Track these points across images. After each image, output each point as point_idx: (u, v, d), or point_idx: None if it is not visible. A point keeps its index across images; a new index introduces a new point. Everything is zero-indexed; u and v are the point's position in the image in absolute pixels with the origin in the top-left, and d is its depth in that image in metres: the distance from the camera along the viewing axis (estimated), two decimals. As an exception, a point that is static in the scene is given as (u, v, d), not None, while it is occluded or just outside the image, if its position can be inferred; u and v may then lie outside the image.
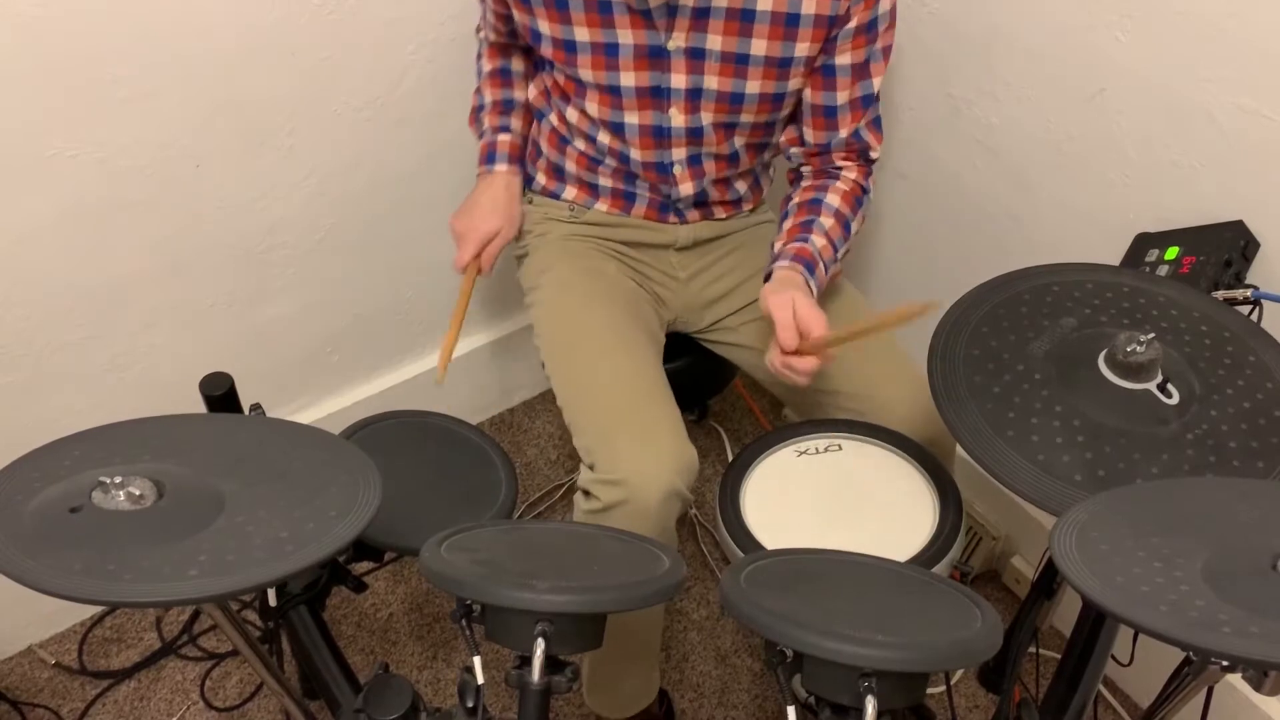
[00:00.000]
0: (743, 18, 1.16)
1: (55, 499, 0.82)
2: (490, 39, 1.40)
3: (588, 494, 1.18)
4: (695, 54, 1.19)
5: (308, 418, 1.79)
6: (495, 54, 1.42)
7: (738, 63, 1.19)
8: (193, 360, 1.59)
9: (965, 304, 1.05)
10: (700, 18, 1.16)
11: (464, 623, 0.85)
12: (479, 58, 1.44)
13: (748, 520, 1.13)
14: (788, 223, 1.29)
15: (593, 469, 1.18)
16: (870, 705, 0.75)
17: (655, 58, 1.20)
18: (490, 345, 1.95)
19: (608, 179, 1.36)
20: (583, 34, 1.18)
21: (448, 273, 1.80)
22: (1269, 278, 1.16)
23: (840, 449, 1.22)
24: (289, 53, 1.40)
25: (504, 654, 1.63)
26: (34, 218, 1.34)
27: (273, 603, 1.18)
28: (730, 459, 1.88)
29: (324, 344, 1.76)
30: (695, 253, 1.43)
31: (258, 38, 1.36)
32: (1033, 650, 1.23)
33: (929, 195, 1.60)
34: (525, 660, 0.84)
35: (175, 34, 1.30)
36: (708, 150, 1.30)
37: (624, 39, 1.18)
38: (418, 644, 1.71)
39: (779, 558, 0.99)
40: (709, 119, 1.25)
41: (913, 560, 1.06)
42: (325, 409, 1.81)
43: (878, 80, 1.24)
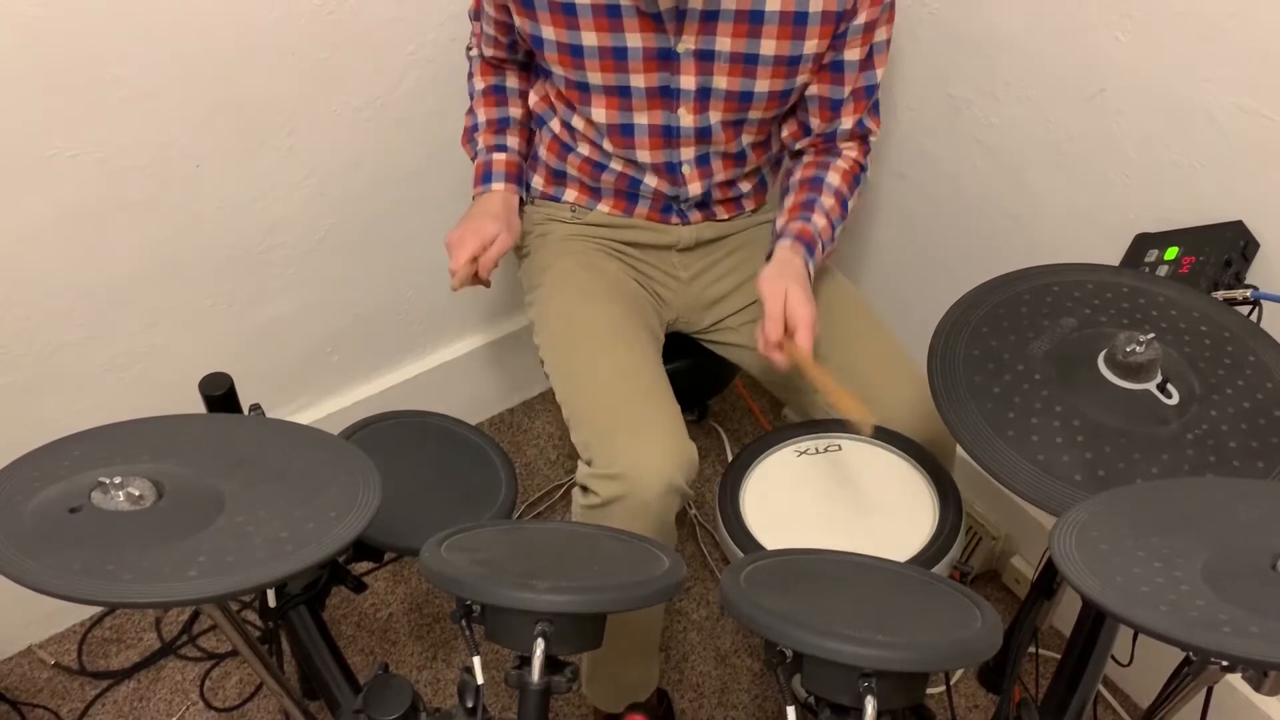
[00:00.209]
0: (751, 19, 1.16)
1: (55, 499, 0.82)
2: (485, 54, 1.38)
3: (585, 489, 1.17)
4: (705, 56, 1.19)
5: (308, 418, 1.79)
6: (488, 71, 1.39)
7: (746, 62, 1.20)
8: (193, 360, 1.59)
9: (965, 304, 1.05)
10: (709, 20, 1.16)
11: (464, 623, 0.85)
12: (470, 77, 1.41)
13: (747, 520, 1.13)
14: (789, 199, 1.31)
15: (591, 464, 1.18)
16: (870, 705, 0.75)
17: (664, 60, 1.20)
18: (490, 345, 1.95)
19: (611, 182, 1.36)
20: (590, 38, 1.18)
21: (447, 273, 1.80)
22: (1269, 278, 1.16)
23: (840, 449, 1.22)
24: (289, 53, 1.40)
25: (504, 654, 1.63)
26: (34, 218, 1.34)
27: (272, 603, 1.18)
28: (730, 459, 1.88)
29: (324, 344, 1.76)
30: (697, 253, 1.43)
31: (258, 38, 1.36)
32: (1033, 650, 1.23)
33: (929, 195, 1.60)
34: (525, 660, 0.84)
35: (175, 34, 1.30)
36: (716, 149, 1.31)
37: (633, 42, 1.18)
38: (418, 644, 1.71)
39: (779, 558, 0.99)
40: (717, 117, 1.26)
41: (913, 560, 1.06)
42: (325, 409, 1.81)
43: (880, 71, 1.26)
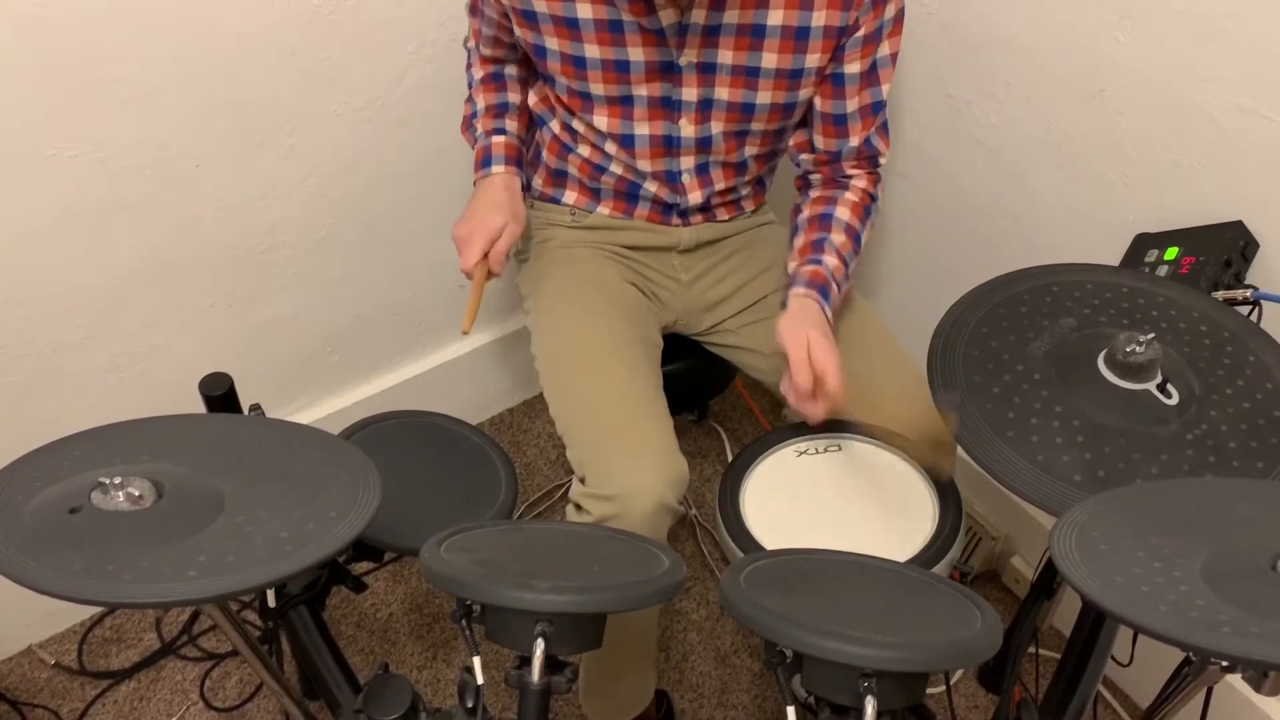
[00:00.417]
0: (753, 33, 1.16)
1: (55, 499, 0.82)
2: (483, 52, 1.37)
3: (579, 507, 1.18)
4: (706, 69, 1.19)
5: (308, 418, 1.79)
6: (487, 61, 1.38)
7: (748, 75, 1.20)
8: (192, 360, 1.59)
9: (965, 304, 1.05)
10: (711, 35, 1.17)
11: (464, 623, 0.85)
12: (469, 67, 1.40)
13: (747, 520, 1.13)
14: (799, 240, 1.28)
15: (584, 482, 1.18)
16: (870, 705, 0.75)
17: (666, 72, 1.20)
18: (490, 345, 1.95)
19: (611, 184, 1.36)
20: (593, 50, 1.18)
21: (448, 273, 1.81)
22: (1268, 278, 1.16)
23: (840, 449, 1.22)
24: (289, 53, 1.40)
25: (504, 654, 1.63)
26: (34, 218, 1.34)
27: (272, 603, 1.18)
28: (730, 459, 1.88)
29: (324, 344, 1.76)
30: (698, 255, 1.43)
31: (258, 38, 1.36)
32: (1032, 650, 1.23)
33: (929, 195, 1.60)
34: (525, 660, 0.84)
35: (175, 34, 1.30)
36: (715, 159, 1.31)
37: (635, 56, 1.18)
38: (418, 644, 1.71)
39: (779, 558, 0.99)
40: (719, 128, 1.26)
41: (913, 560, 1.06)
42: (325, 409, 1.81)
43: (886, 87, 1.24)
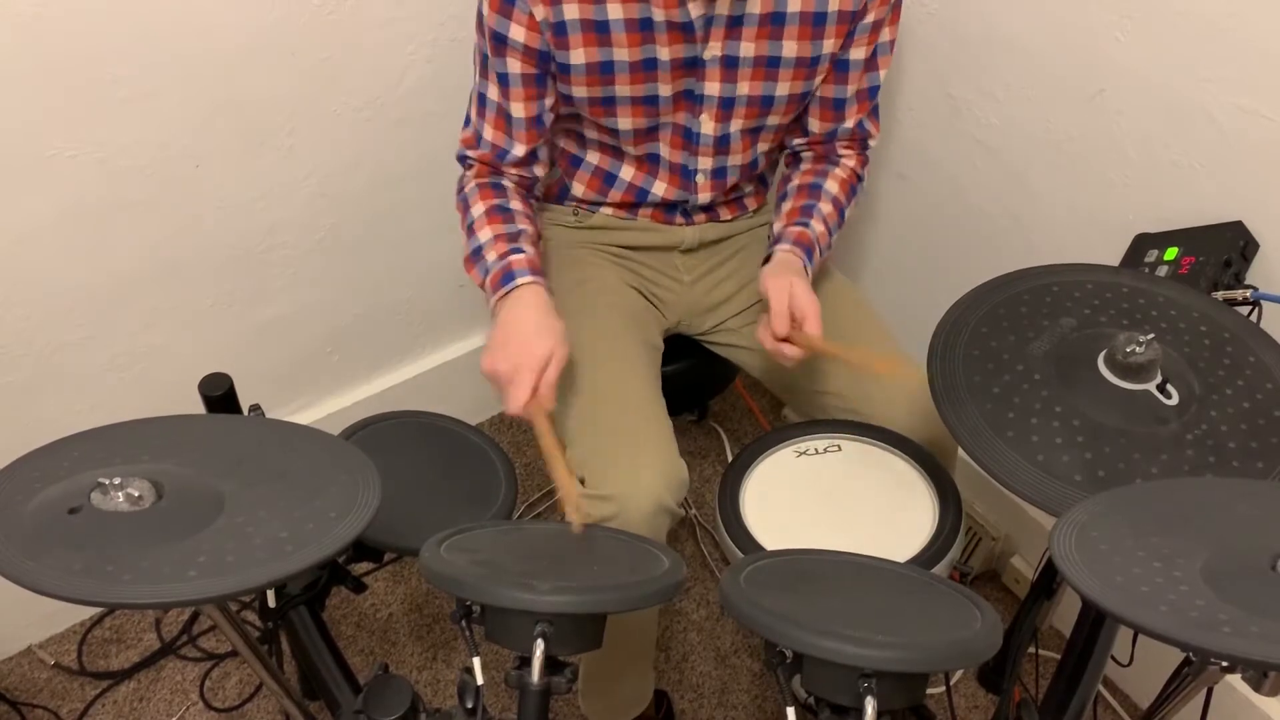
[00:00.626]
0: (773, 21, 1.18)
1: (54, 500, 0.82)
2: (481, 182, 1.27)
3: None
4: (729, 62, 1.20)
5: (308, 418, 1.79)
6: (489, 194, 1.27)
7: (769, 66, 1.21)
8: (193, 360, 1.59)
9: (965, 304, 1.05)
10: (735, 26, 1.18)
11: (464, 623, 0.85)
12: (465, 205, 1.27)
13: (747, 520, 1.13)
14: (787, 204, 1.31)
15: (583, 484, 1.18)
16: (870, 705, 0.75)
17: (690, 67, 1.21)
18: (490, 345, 1.95)
19: (619, 196, 1.36)
20: (622, 54, 1.18)
21: (448, 273, 1.81)
22: (1268, 278, 1.16)
23: (840, 449, 1.22)
24: (289, 53, 1.40)
25: (504, 654, 1.63)
26: (34, 218, 1.34)
27: (272, 603, 1.18)
28: (730, 459, 1.88)
29: (324, 344, 1.76)
30: (700, 255, 1.43)
31: (258, 38, 1.36)
32: (1032, 650, 1.23)
33: (929, 195, 1.60)
34: (525, 661, 0.84)
35: (175, 34, 1.30)
36: (733, 163, 1.32)
37: (662, 55, 1.18)
38: (417, 644, 1.71)
39: (779, 558, 0.99)
40: (738, 125, 1.27)
41: (912, 560, 1.06)
42: (325, 409, 1.81)
43: (883, 72, 1.27)
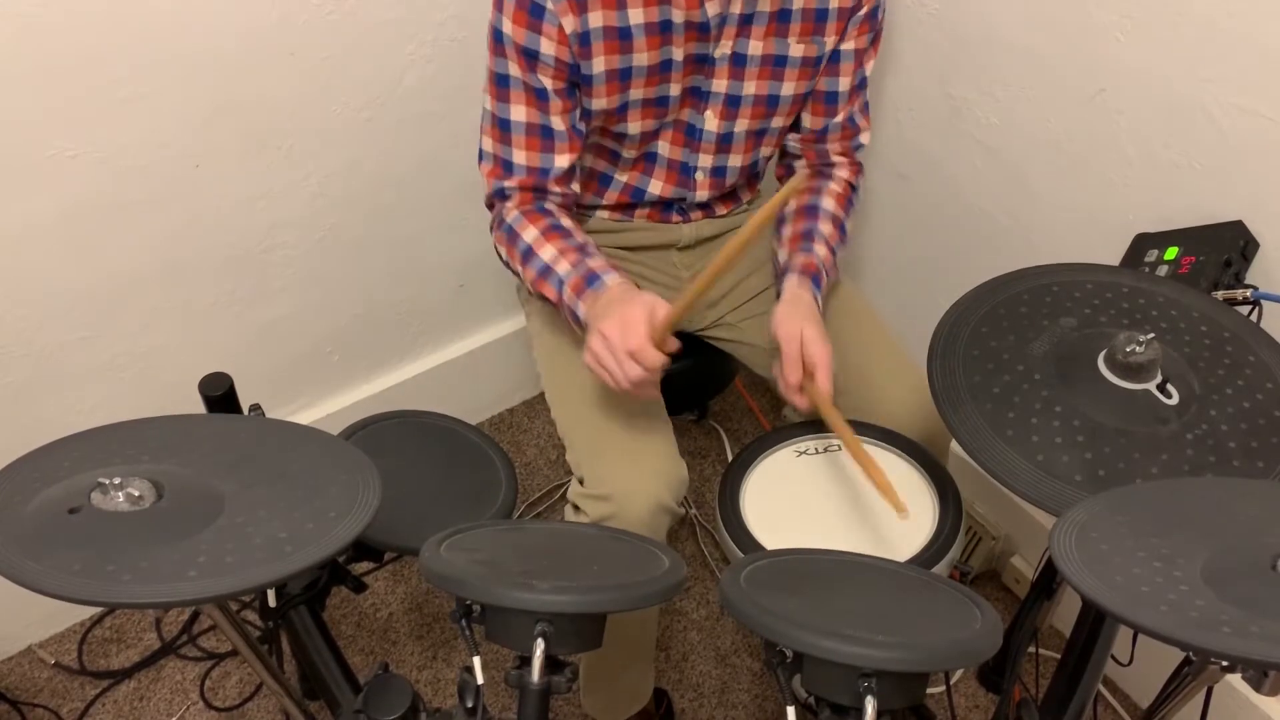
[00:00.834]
0: (780, 18, 1.19)
1: (54, 500, 0.82)
2: (526, 209, 1.24)
3: (577, 508, 1.18)
4: (738, 60, 1.21)
5: (308, 418, 1.79)
6: (536, 218, 1.23)
7: (775, 65, 1.22)
8: (193, 360, 1.59)
9: (965, 304, 1.05)
10: (745, 24, 1.18)
11: (464, 623, 0.85)
12: (511, 238, 1.23)
13: (747, 520, 1.13)
14: (787, 229, 1.31)
15: (582, 483, 1.19)
16: (870, 705, 0.75)
17: (700, 64, 1.21)
18: (490, 345, 1.95)
19: (615, 197, 1.36)
20: (641, 59, 1.18)
21: (448, 273, 1.81)
22: (1268, 278, 1.16)
23: (840, 449, 1.22)
24: (289, 53, 1.40)
25: (504, 654, 1.63)
26: (34, 218, 1.34)
27: (272, 603, 1.18)
28: (730, 459, 1.88)
29: (324, 344, 1.76)
30: (698, 252, 1.43)
31: (258, 38, 1.36)
32: (1033, 650, 1.23)
33: (929, 195, 1.60)
34: (525, 660, 0.84)
35: (175, 34, 1.30)
36: (734, 164, 1.32)
37: (677, 55, 1.19)
38: (418, 644, 1.71)
39: (778, 558, 0.99)
40: (744, 125, 1.27)
41: (913, 560, 1.06)
42: (325, 409, 1.81)
43: (870, 65, 1.29)
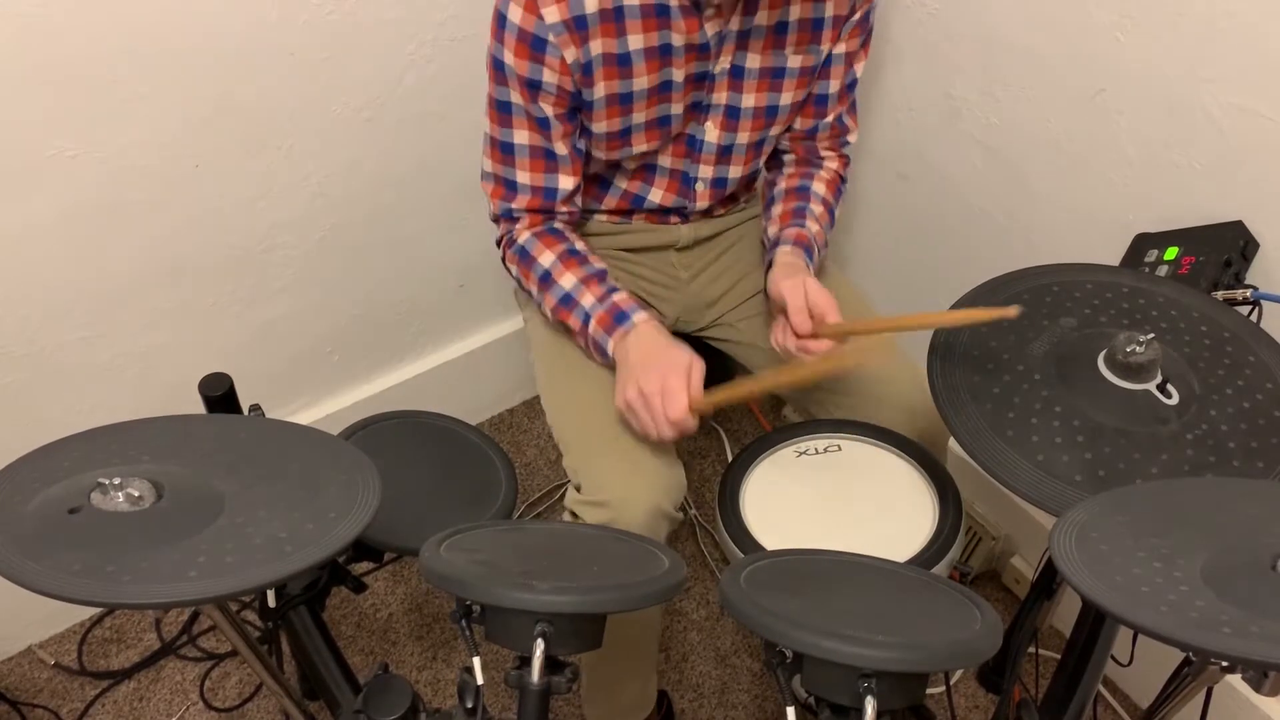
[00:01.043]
0: (777, 30, 1.19)
1: (54, 500, 0.82)
2: (540, 230, 1.24)
3: (574, 515, 1.18)
4: (736, 73, 1.21)
5: (308, 418, 1.79)
6: (551, 241, 1.24)
7: (774, 77, 1.22)
8: (193, 360, 1.59)
9: (965, 304, 1.05)
10: (743, 39, 1.18)
11: (464, 623, 0.85)
12: (528, 258, 1.24)
13: (747, 520, 1.13)
14: (777, 208, 1.32)
15: (580, 490, 1.19)
16: (870, 705, 0.75)
17: (700, 81, 1.21)
18: (490, 345, 1.95)
19: (613, 203, 1.35)
20: (641, 82, 1.18)
21: (448, 273, 1.81)
22: (1268, 278, 1.16)
23: (840, 449, 1.22)
24: (289, 53, 1.40)
25: (504, 654, 1.63)
26: (34, 218, 1.34)
27: (272, 603, 1.18)
28: (730, 459, 1.88)
29: (324, 344, 1.76)
30: (696, 252, 1.43)
31: (257, 38, 1.36)
32: (1032, 650, 1.23)
33: (929, 195, 1.60)
34: (525, 661, 0.84)
35: (175, 34, 1.30)
36: (734, 174, 1.32)
37: (677, 76, 1.19)
38: (417, 644, 1.71)
39: (778, 558, 0.99)
40: (745, 137, 1.27)
41: (912, 560, 1.06)
42: (325, 409, 1.81)
43: (860, 67, 1.29)
